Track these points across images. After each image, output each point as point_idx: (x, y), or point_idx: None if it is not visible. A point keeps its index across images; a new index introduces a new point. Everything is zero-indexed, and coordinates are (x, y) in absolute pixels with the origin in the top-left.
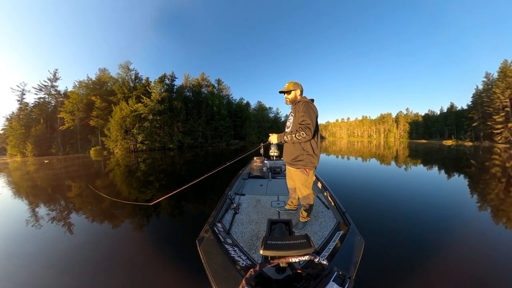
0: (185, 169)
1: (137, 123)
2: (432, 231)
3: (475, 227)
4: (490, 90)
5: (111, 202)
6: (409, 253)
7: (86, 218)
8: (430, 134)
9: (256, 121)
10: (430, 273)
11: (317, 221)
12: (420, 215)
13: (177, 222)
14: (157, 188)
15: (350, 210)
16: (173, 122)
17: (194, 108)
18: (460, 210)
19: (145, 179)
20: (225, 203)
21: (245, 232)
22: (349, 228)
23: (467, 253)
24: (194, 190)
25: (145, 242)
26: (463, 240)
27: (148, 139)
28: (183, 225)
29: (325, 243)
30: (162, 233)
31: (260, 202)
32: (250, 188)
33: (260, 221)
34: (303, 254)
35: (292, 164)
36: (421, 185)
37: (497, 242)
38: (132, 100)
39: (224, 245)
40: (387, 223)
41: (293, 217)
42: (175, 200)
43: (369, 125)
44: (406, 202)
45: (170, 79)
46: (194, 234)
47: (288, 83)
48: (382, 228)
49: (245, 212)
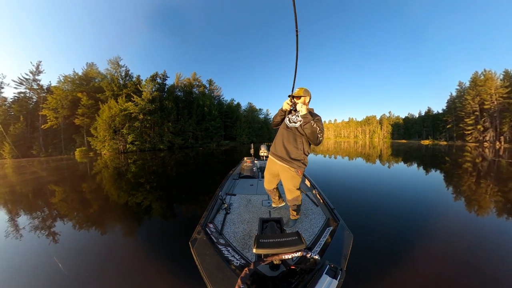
0: (176, 170)
1: (127, 122)
2: (414, 222)
3: (451, 215)
4: (462, 96)
5: (98, 207)
6: (393, 242)
7: (72, 226)
8: (410, 134)
9: (246, 122)
10: (413, 259)
11: (307, 218)
12: (402, 208)
13: (168, 224)
14: (148, 190)
15: (338, 206)
16: (164, 122)
17: (185, 108)
18: (437, 201)
19: (136, 181)
20: (216, 204)
21: (237, 232)
22: (338, 223)
23: (445, 238)
24: (185, 192)
25: (136, 246)
26: (441, 227)
27: (138, 140)
28: (175, 227)
29: (316, 239)
30: (154, 236)
31: (251, 202)
32: (240, 188)
33: (252, 220)
34: (296, 251)
35: (288, 162)
36: (403, 180)
37: (470, 227)
38: (121, 99)
39: (217, 245)
40: (373, 217)
41: (284, 215)
42: (166, 202)
43: (355, 126)
44: (390, 196)
45: (162, 78)
46: (186, 236)
47: (299, 88)
48: (369, 222)
49: (237, 212)
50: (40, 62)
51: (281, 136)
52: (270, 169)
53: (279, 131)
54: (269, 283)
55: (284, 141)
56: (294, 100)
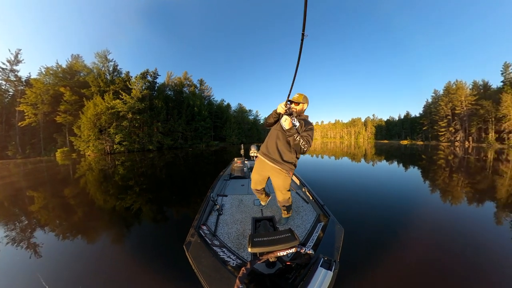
0: (166, 171)
1: (114, 121)
2: (398, 213)
3: (430, 205)
4: (437, 102)
5: (84, 214)
6: (381, 233)
7: (55, 237)
8: (391, 135)
9: (236, 122)
10: (399, 246)
11: (298, 215)
12: (387, 201)
13: (160, 228)
14: (137, 193)
15: (327, 203)
16: (153, 122)
17: (175, 108)
18: (417, 193)
19: (124, 184)
20: (208, 205)
21: (231, 232)
22: (329, 219)
23: (426, 225)
24: (175, 193)
25: (128, 255)
26: (422, 216)
27: (127, 140)
28: (167, 231)
29: (309, 234)
30: (145, 242)
31: (242, 202)
32: (232, 188)
33: (245, 220)
34: (290, 247)
35: (281, 164)
36: (386, 176)
37: (447, 215)
38: (108, 96)
39: (212, 247)
40: (361, 211)
41: (276, 213)
42: (157, 205)
43: (341, 127)
44: (376, 191)
45: (152, 76)
46: (180, 239)
47: (299, 94)
48: (358, 216)
49: (229, 212)
50: (20, 50)
51: (276, 138)
52: (259, 170)
53: (273, 132)
54: (267, 280)
55: (278, 143)
56: (288, 105)
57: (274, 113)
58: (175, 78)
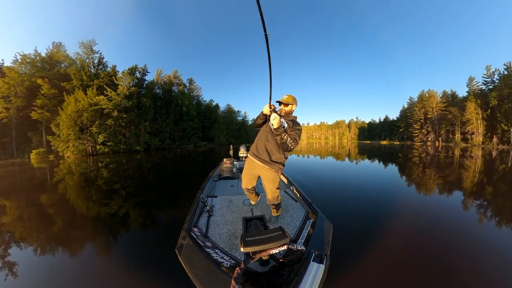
0: (154, 173)
1: (97, 119)
2: (381, 205)
3: (408, 196)
4: (411, 108)
5: (64, 224)
6: (366, 225)
7: (33, 251)
8: (372, 136)
9: (224, 123)
10: (383, 236)
11: (287, 213)
12: (370, 195)
13: (149, 233)
14: (123, 197)
15: (315, 200)
16: (141, 122)
17: (163, 107)
18: (397, 186)
19: (108, 188)
20: (198, 207)
21: (222, 233)
22: (317, 215)
23: (406, 214)
24: (164, 196)
25: (116, 263)
26: (402, 206)
27: (111, 140)
28: (157, 236)
29: (299, 231)
30: (135, 248)
31: (232, 202)
32: (221, 189)
33: (235, 220)
34: (281, 245)
35: (270, 164)
36: (368, 172)
37: (423, 204)
38: (92, 91)
39: (204, 249)
40: (347, 206)
41: (266, 213)
42: (145, 209)
43: (326, 129)
44: (359, 187)
45: (141, 73)
46: (171, 243)
47: (288, 96)
48: (344, 211)
49: (219, 213)
50: None
51: (265, 139)
52: (250, 169)
53: (262, 133)
54: (262, 278)
55: (267, 144)
56: (273, 106)
57: (261, 115)
58: (164, 76)
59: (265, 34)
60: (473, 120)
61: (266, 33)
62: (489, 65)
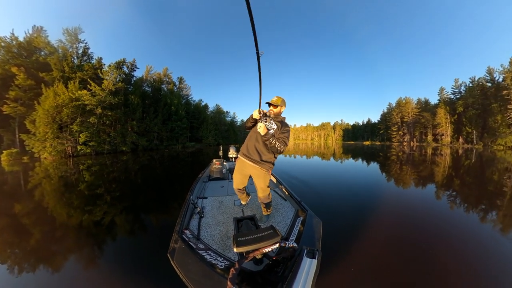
0: (142, 175)
1: (79, 117)
2: (365, 199)
3: (390, 190)
4: (390, 112)
5: (43, 235)
6: (353, 219)
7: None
8: (356, 137)
9: (213, 123)
10: (369, 228)
11: (278, 212)
12: (355, 190)
13: (140, 240)
14: (108, 202)
15: (304, 198)
16: (127, 120)
17: (151, 105)
18: (379, 181)
19: (92, 193)
20: (188, 209)
21: (214, 234)
22: (307, 213)
23: (389, 207)
24: (153, 199)
25: (106, 275)
26: (385, 200)
27: (94, 140)
28: (149, 242)
29: (290, 229)
30: (124, 257)
31: (223, 203)
32: (211, 190)
33: (227, 221)
34: (274, 243)
35: (260, 163)
36: (352, 170)
37: (403, 196)
38: (74, 84)
39: (197, 251)
40: (334, 202)
41: (256, 212)
42: (133, 214)
43: (312, 130)
44: (345, 183)
45: (129, 68)
46: (163, 247)
47: (277, 97)
48: (332, 207)
49: (210, 214)
50: None
51: (255, 140)
52: (240, 170)
53: (252, 134)
54: (257, 277)
55: (257, 144)
56: (262, 110)
57: (251, 118)
58: (154, 74)
59: (257, 52)
60: (442, 124)
61: (258, 51)
62: (457, 78)
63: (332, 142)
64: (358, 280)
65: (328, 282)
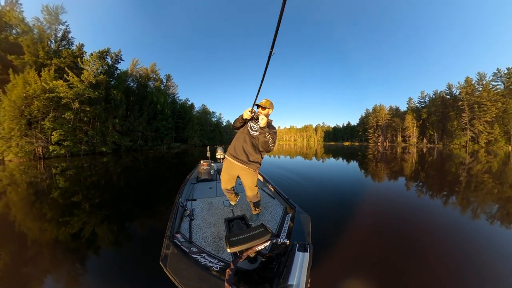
0: (125, 179)
1: (52, 111)
2: (348, 194)
3: (368, 184)
4: (367, 117)
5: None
6: (339, 212)
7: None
8: (336, 138)
9: (199, 124)
10: (354, 219)
11: (267, 210)
12: (338, 186)
13: (127, 250)
14: (88, 211)
15: (291, 196)
16: (109, 118)
17: (136, 103)
18: (358, 176)
19: (67, 202)
20: (178, 212)
21: (206, 236)
22: (295, 209)
23: (370, 199)
24: (137, 205)
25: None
26: (365, 193)
27: (69, 139)
28: (137, 251)
29: (280, 226)
30: (112, 272)
31: (212, 205)
32: (200, 192)
33: (217, 222)
34: (266, 240)
35: (248, 164)
36: (334, 168)
37: (381, 188)
38: (48, 72)
39: (191, 255)
40: (320, 198)
41: (246, 212)
42: (117, 222)
43: (295, 132)
44: (328, 180)
45: (114, 59)
46: (154, 255)
47: (266, 100)
48: (318, 203)
49: (200, 216)
50: None
51: (243, 141)
52: (228, 170)
53: (240, 135)
54: (253, 275)
55: (244, 145)
56: (254, 110)
57: (241, 119)
58: (140, 68)
59: (270, 51)
60: (410, 127)
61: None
62: (423, 91)
63: (314, 143)
64: (348, 267)
65: (321, 271)
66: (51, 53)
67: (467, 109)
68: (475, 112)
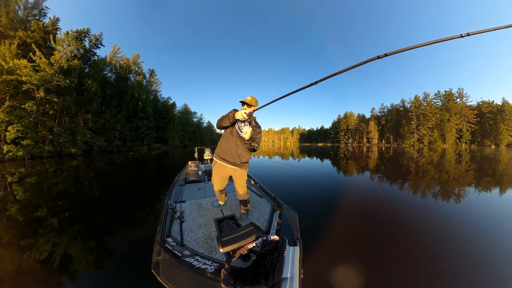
0: (99, 185)
1: (8, 99)
2: (327, 189)
3: (340, 177)
4: (339, 121)
5: None
6: (322, 207)
7: None
8: (311, 140)
9: (180, 124)
10: (337, 212)
11: (255, 209)
12: (319, 183)
13: (109, 268)
14: (56, 227)
15: (278, 194)
16: (80, 112)
17: (114, 97)
18: (333, 173)
19: (29, 218)
20: (168, 214)
21: (197, 238)
22: (282, 207)
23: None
24: (119, 213)
25: None
26: (343, 187)
27: (30, 136)
28: (126, 263)
29: (269, 223)
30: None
31: (202, 206)
32: (189, 193)
33: (208, 223)
34: (256, 238)
35: (240, 166)
36: (310, 166)
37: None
38: (9, 47)
39: (184, 259)
40: (304, 195)
41: (235, 211)
42: (95, 238)
43: (273, 134)
44: (307, 178)
45: (92, 42)
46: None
47: (252, 97)
48: (303, 199)
49: (191, 218)
50: None
51: (234, 145)
52: (220, 172)
53: (230, 138)
54: (248, 273)
55: (237, 149)
56: (249, 113)
57: (232, 118)
58: (121, 58)
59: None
60: (372, 131)
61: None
62: (382, 103)
63: (290, 144)
64: (336, 255)
65: (312, 262)
66: (17, 21)
67: (415, 118)
68: (421, 120)
